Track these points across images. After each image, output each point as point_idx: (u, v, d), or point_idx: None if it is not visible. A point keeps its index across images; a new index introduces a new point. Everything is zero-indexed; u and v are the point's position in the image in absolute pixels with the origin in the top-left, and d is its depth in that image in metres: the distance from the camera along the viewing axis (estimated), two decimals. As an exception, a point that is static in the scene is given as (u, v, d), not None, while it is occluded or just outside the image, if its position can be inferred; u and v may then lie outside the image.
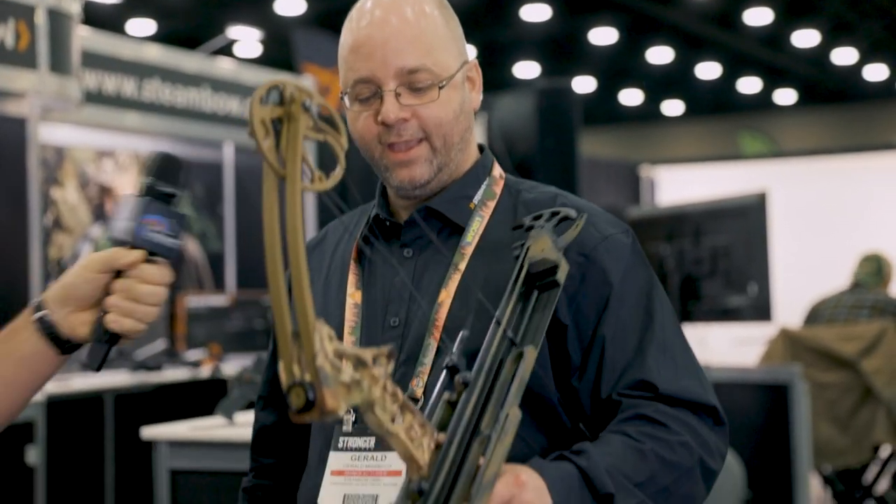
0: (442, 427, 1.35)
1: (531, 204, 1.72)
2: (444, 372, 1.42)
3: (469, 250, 1.68)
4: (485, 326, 1.48)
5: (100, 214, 7.33)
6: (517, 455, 1.50)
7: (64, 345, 1.58)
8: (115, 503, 5.38)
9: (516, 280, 1.53)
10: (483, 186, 1.75)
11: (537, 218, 1.63)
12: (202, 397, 5.36)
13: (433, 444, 1.31)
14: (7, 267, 5.20)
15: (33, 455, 4.94)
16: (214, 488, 3.73)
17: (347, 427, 1.64)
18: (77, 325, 1.57)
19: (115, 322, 1.54)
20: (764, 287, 5.17)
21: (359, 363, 1.20)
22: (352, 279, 1.74)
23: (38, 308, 1.59)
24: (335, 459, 1.63)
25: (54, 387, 5.11)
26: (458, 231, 1.70)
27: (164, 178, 1.59)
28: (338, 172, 1.22)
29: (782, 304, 6.41)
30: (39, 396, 4.75)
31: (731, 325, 5.94)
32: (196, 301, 6.95)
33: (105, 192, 7.38)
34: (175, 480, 3.82)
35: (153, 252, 1.57)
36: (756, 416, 5.22)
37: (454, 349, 1.44)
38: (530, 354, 1.42)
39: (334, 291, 1.76)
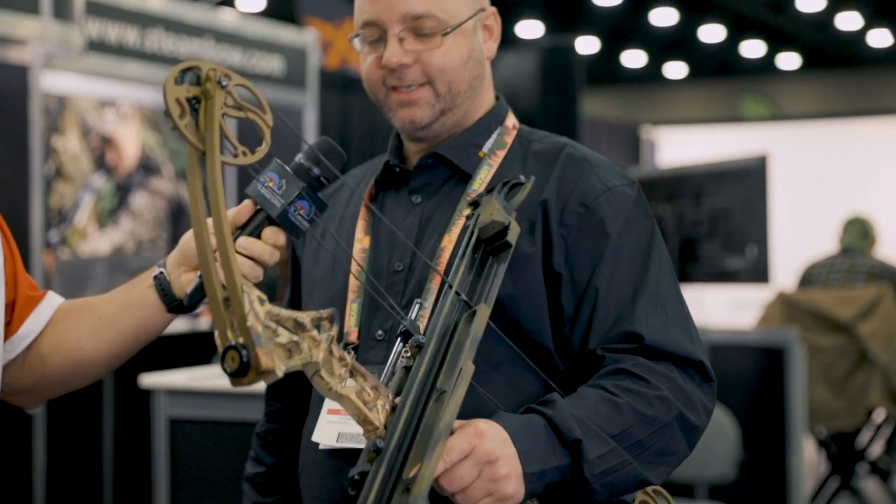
0: (399, 392, 1.36)
1: (540, 154, 1.72)
2: (399, 339, 1.44)
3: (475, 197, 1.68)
4: None
5: (101, 164, 7.32)
6: (509, 402, 1.53)
7: (172, 302, 1.65)
8: (114, 451, 5.41)
9: (466, 246, 1.55)
10: (494, 135, 1.76)
11: (490, 192, 1.64)
12: (201, 347, 5.38)
13: (388, 405, 1.33)
14: (8, 215, 5.15)
15: (32, 402, 4.96)
16: (212, 437, 3.75)
17: None
18: (185, 284, 1.63)
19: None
20: (763, 250, 5.17)
21: (297, 326, 1.22)
22: (361, 224, 1.76)
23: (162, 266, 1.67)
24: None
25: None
26: (467, 179, 1.72)
27: (325, 162, 1.56)
28: (263, 148, 1.28)
29: (781, 267, 6.43)
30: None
31: (729, 287, 5.95)
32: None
33: (106, 141, 7.37)
34: (173, 428, 3.84)
35: (282, 226, 1.57)
36: (752, 378, 5.24)
37: (408, 316, 1.49)
38: (483, 311, 1.43)
39: (345, 237, 1.78)
